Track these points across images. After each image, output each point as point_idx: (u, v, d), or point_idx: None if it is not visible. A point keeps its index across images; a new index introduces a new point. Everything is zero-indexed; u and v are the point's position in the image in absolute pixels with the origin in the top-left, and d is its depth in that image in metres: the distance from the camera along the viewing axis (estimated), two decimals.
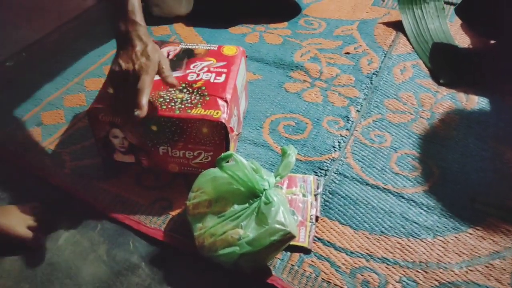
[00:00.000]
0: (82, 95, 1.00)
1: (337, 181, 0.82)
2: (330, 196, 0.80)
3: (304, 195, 0.78)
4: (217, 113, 0.74)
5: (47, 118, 0.95)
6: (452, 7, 1.24)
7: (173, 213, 0.77)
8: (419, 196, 0.79)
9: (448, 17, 1.22)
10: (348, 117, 0.95)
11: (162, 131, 0.75)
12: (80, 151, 0.88)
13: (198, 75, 0.81)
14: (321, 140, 0.90)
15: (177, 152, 0.78)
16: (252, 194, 0.68)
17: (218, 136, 0.75)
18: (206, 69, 0.82)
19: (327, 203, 0.78)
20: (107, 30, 1.21)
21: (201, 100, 0.76)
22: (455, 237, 0.73)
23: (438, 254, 0.71)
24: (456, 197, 0.79)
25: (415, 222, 0.75)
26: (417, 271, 0.69)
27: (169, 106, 0.75)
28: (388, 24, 1.22)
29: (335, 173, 0.83)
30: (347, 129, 0.92)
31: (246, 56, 0.90)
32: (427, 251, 0.71)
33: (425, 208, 0.77)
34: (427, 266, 0.69)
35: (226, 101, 0.76)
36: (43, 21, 1.24)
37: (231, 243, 0.64)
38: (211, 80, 0.80)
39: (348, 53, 1.12)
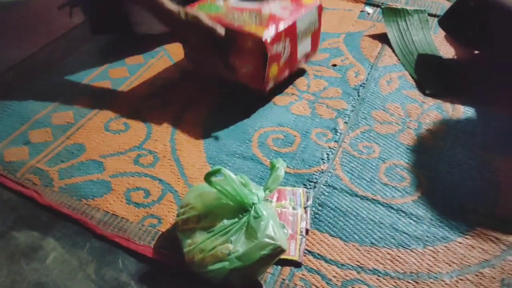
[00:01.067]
0: (70, 113, 1.00)
1: (326, 193, 0.82)
2: (320, 208, 0.80)
3: (293, 208, 0.78)
4: (262, 32, 0.89)
5: (35, 136, 0.94)
6: (436, 19, 1.26)
7: (163, 229, 0.76)
8: (408, 206, 0.80)
9: (432, 29, 1.25)
10: (336, 129, 0.95)
11: (226, 37, 0.93)
12: (68, 169, 0.87)
13: (270, 9, 0.98)
14: (309, 152, 0.90)
15: (232, 59, 0.96)
16: (241, 209, 0.68)
17: (258, 52, 0.91)
18: (279, 6, 0.99)
19: (317, 216, 0.78)
20: (94, 48, 1.22)
21: (258, 22, 0.93)
22: (445, 246, 0.74)
23: (428, 264, 0.71)
24: (445, 206, 0.80)
25: (404, 233, 0.76)
26: (408, 282, 0.69)
27: (233, 21, 0.94)
28: (374, 37, 1.23)
29: (324, 185, 0.84)
30: (335, 141, 0.92)
31: (322, 10, 1.03)
32: (418, 262, 0.71)
33: (414, 218, 0.78)
34: (417, 276, 0.69)
35: (277, 28, 0.92)
36: (30, 40, 1.24)
37: (221, 259, 0.64)
38: (277, 14, 0.96)
39: (335, 65, 1.13)
